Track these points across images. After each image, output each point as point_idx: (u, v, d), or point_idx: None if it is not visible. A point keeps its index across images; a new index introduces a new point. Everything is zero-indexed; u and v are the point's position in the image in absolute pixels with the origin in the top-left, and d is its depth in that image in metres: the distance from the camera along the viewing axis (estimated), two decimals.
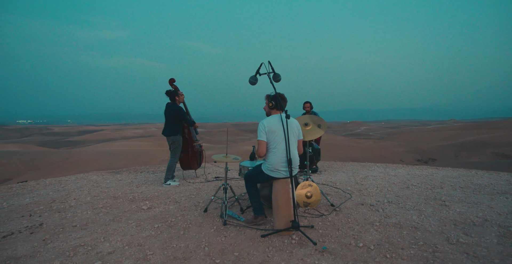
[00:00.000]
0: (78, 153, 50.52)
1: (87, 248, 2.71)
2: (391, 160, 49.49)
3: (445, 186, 4.57)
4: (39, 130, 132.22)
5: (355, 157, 51.36)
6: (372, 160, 46.10)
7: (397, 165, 7.11)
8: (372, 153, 55.97)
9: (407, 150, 59.97)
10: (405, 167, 6.75)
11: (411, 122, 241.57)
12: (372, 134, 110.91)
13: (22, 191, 5.10)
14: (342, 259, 2.44)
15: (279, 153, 2.91)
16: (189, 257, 2.51)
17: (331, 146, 58.77)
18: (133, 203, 4.02)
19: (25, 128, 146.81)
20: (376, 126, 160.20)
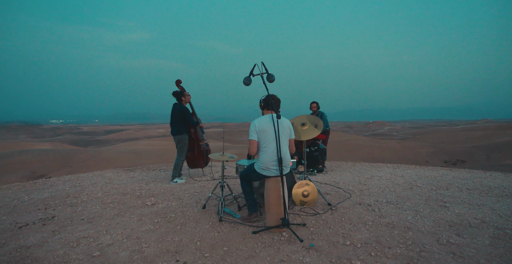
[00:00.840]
0: (104, 151, 52.59)
1: (89, 239, 2.91)
2: (416, 161, 47.90)
3: (451, 187, 4.46)
4: (69, 130, 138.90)
5: (377, 157, 50.12)
6: (394, 160, 44.86)
7: (409, 166, 6.96)
8: (395, 154, 54.37)
9: (433, 150, 57.74)
10: (416, 168, 6.61)
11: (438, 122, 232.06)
12: (396, 134, 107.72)
13: (43, 186, 5.47)
14: (327, 256, 2.49)
15: (270, 152, 2.99)
16: (181, 250, 2.65)
17: (352, 145, 57.64)
18: (139, 199, 4.23)
19: (57, 127, 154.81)
20: (400, 126, 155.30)
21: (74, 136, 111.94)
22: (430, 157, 53.98)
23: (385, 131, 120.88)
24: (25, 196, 4.71)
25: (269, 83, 3.25)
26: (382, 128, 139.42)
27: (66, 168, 44.90)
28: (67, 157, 50.62)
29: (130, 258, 2.51)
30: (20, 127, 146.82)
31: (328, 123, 6.60)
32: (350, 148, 55.72)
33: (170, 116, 5.17)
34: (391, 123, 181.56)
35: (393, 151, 56.80)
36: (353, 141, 65.06)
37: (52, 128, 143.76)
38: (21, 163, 44.37)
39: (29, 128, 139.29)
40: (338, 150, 55.03)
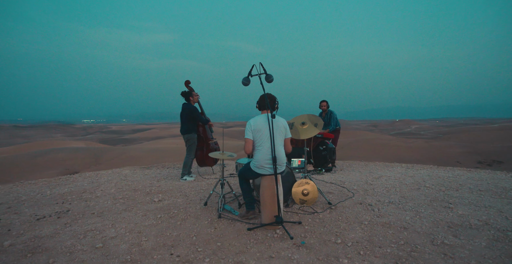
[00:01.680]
0: (131, 149, 54.60)
1: (95, 232, 3.11)
2: (446, 161, 45.81)
3: (462, 188, 4.31)
4: (99, 129, 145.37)
5: (402, 157, 48.39)
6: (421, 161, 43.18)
7: (423, 166, 6.76)
8: (422, 154, 52.24)
9: (466, 150, 54.86)
10: (431, 168, 6.41)
11: (471, 120, 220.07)
12: (424, 133, 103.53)
13: (65, 182, 5.84)
14: (315, 253, 2.53)
15: (264, 151, 3.05)
16: (177, 244, 2.78)
17: (377, 145, 56.11)
18: (148, 195, 4.43)
19: (89, 126, 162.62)
20: (428, 125, 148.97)
21: (103, 134, 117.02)
22: (462, 157, 51.34)
23: (412, 130, 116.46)
24: (47, 190, 5.07)
25: (267, 83, 3.31)
26: (409, 127, 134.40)
27: (96, 165, 47.08)
28: (97, 154, 53.05)
29: (128, 251, 2.67)
30: (56, 126, 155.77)
31: (338, 122, 6.54)
32: (374, 147, 54.30)
33: (180, 116, 5.35)
34: (419, 122, 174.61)
35: (420, 151, 54.62)
36: (377, 140, 63.33)
37: (84, 128, 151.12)
38: (57, 160, 47.14)
39: (64, 128, 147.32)
40: (361, 149, 53.81)
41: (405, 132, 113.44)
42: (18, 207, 4.14)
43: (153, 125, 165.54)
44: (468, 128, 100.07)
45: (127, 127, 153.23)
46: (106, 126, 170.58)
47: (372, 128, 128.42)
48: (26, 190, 5.26)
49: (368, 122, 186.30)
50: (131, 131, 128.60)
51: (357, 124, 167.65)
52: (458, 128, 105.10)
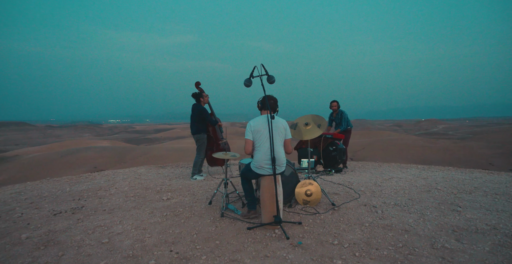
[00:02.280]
0: (154, 149, 56.14)
1: (104, 228, 3.27)
2: (476, 163, 43.68)
3: (476, 191, 4.15)
4: (124, 129, 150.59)
5: (428, 158, 46.70)
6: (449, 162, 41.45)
7: (441, 167, 6.54)
8: (450, 155, 50.09)
9: (499, 152, 52.01)
10: (448, 170, 6.19)
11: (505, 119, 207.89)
12: (452, 133, 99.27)
13: (85, 179, 6.15)
14: (310, 254, 2.54)
15: (264, 151, 3.09)
16: (177, 242, 2.87)
17: (400, 145, 54.39)
18: (158, 194, 4.58)
19: (114, 126, 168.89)
20: (457, 124, 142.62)
21: (128, 134, 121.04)
22: (495, 159, 48.73)
23: (439, 130, 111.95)
24: (67, 187, 5.36)
25: (269, 84, 3.35)
26: (435, 127, 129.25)
27: (121, 163, 48.81)
28: (122, 153, 54.96)
29: (131, 246, 2.80)
30: (85, 126, 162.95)
31: (350, 122, 6.44)
32: (397, 148, 52.68)
33: (190, 117, 5.49)
34: (447, 122, 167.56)
35: (448, 152, 52.41)
36: (401, 140, 61.37)
37: (110, 128, 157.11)
38: (86, 158, 49.36)
39: (92, 128, 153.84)
40: (384, 150, 52.39)
41: (431, 132, 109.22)
42: (39, 202, 4.42)
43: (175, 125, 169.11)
44: (502, 128, 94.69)
45: (150, 127, 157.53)
46: (130, 126, 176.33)
47: (396, 128, 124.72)
48: (49, 186, 5.58)
49: (391, 122, 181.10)
50: (154, 131, 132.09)
51: (380, 124, 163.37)
52: (490, 128, 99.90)
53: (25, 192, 5.24)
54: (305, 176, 3.99)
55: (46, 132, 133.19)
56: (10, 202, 4.51)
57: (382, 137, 72.36)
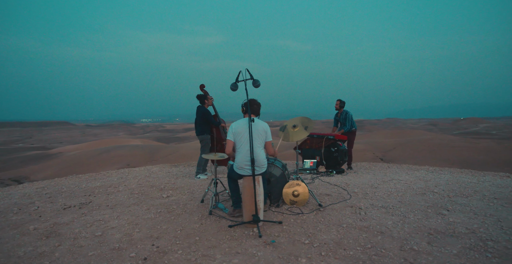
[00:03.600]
0: (183, 147, 57.91)
1: (102, 222, 3.57)
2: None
3: (474, 195, 4.03)
4: (155, 128, 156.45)
5: (467, 160, 43.88)
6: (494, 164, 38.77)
7: (453, 170, 6.27)
8: (492, 155, 46.77)
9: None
10: (461, 173, 5.92)
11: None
12: (496, 132, 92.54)
13: (102, 177, 6.61)
14: (279, 252, 2.66)
15: (243, 153, 3.23)
16: (161, 237, 3.09)
17: (434, 145, 51.69)
18: (161, 191, 4.86)
19: (146, 126, 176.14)
20: (502, 123, 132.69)
21: (159, 133, 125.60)
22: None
23: (480, 129, 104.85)
24: (84, 184, 5.82)
25: (255, 88, 3.48)
26: (476, 126, 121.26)
27: (152, 161, 50.82)
28: (153, 152, 57.20)
29: (119, 240, 3.05)
30: (119, 125, 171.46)
31: (354, 123, 6.36)
32: (431, 148, 49.99)
33: (195, 118, 5.74)
34: (490, 120, 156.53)
35: (490, 152, 48.97)
36: (435, 140, 58.28)
37: (142, 127, 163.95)
38: (120, 156, 52.07)
39: (126, 127, 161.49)
40: (415, 150, 50.08)
41: (472, 131, 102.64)
42: (56, 197, 4.86)
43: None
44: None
45: (180, 126, 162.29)
46: (161, 125, 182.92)
47: (431, 127, 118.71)
48: (70, 182, 6.08)
49: (426, 121, 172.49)
50: (183, 130, 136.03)
51: (413, 123, 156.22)
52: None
53: (48, 187, 5.76)
54: (293, 177, 4.06)
55: (85, 131, 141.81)
56: (32, 196, 5.00)
57: (414, 137, 69.11)
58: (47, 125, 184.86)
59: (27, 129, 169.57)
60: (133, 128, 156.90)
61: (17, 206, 4.39)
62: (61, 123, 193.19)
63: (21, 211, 4.16)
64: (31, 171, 50.60)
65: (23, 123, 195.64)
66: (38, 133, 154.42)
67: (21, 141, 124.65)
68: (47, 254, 2.80)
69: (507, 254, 2.39)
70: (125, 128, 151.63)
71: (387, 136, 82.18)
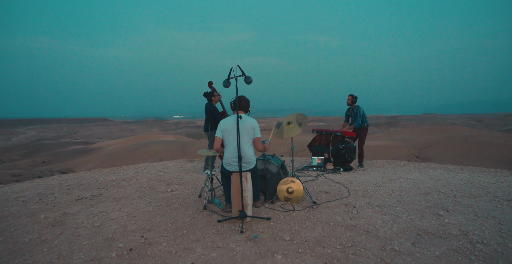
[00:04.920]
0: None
1: (104, 214, 3.79)
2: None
3: (484, 196, 3.80)
4: (186, 124, 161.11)
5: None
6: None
7: (475, 169, 5.83)
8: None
9: None
10: (484, 172, 5.50)
11: None
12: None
13: (120, 170, 6.96)
14: (259, 247, 2.69)
15: (231, 149, 3.27)
16: (153, 229, 3.23)
17: (476, 143, 48.08)
18: (167, 186, 5.04)
19: (178, 122, 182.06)
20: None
21: (190, 129, 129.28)
22: None
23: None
24: (102, 177, 6.18)
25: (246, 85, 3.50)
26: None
27: (184, 156, 52.55)
28: (184, 147, 59.07)
29: (114, 231, 3.22)
30: (153, 122, 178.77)
31: (366, 119, 6.14)
32: (474, 146, 46.46)
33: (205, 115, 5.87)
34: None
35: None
36: (479, 137, 54.22)
37: (175, 123, 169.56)
38: (154, 151, 54.45)
39: (159, 123, 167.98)
40: (454, 148, 47.03)
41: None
42: (73, 189, 5.22)
43: None
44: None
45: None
46: (192, 121, 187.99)
47: (475, 123, 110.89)
48: (90, 176, 6.49)
49: (468, 116, 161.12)
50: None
51: (453, 118, 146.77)
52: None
53: (71, 179, 6.19)
54: (289, 174, 4.03)
55: (123, 127, 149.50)
56: (54, 187, 5.41)
57: (454, 133, 64.97)
58: (89, 121, 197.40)
59: (73, 126, 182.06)
60: (166, 124, 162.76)
61: (39, 196, 4.78)
62: (101, 120, 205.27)
63: (40, 201, 4.52)
64: (76, 164, 54.46)
65: (69, 120, 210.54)
66: (82, 128, 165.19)
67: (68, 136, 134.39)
68: (48, 242, 3.04)
69: (493, 258, 2.25)
70: (158, 124, 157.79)
71: (423, 132, 78.05)
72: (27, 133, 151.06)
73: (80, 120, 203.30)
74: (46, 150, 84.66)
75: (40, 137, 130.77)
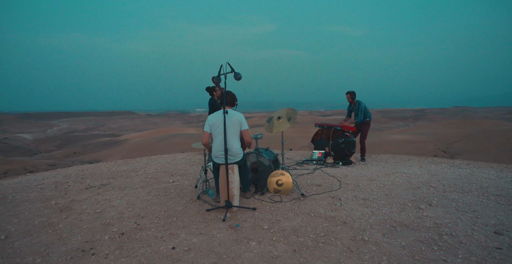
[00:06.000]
0: None
1: (107, 201, 4.09)
2: None
3: (474, 191, 3.80)
4: None
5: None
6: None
7: (482, 164, 5.66)
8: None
9: None
10: (491, 168, 5.35)
11: None
12: None
13: (133, 162, 7.35)
14: (237, 235, 2.88)
15: (218, 143, 3.45)
16: (146, 216, 3.48)
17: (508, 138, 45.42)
18: (170, 177, 5.32)
19: (200, 115, 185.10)
20: None
21: None
22: None
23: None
24: (114, 168, 6.58)
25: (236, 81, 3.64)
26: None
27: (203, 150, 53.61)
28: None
29: (112, 217, 3.51)
30: (176, 115, 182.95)
31: (369, 114, 6.10)
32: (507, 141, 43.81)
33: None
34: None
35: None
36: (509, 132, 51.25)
37: (197, 116, 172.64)
38: (176, 143, 55.97)
39: (182, 116, 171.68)
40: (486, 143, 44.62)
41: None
42: (86, 178, 5.62)
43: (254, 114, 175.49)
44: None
45: None
46: None
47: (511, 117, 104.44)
48: (105, 166, 6.91)
49: (505, 109, 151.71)
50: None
51: (487, 111, 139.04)
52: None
53: (87, 169, 6.64)
54: (280, 166, 4.14)
55: (147, 120, 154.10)
56: (70, 176, 5.84)
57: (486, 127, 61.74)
58: (116, 115, 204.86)
59: (100, 118, 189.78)
60: (188, 117, 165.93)
61: (56, 184, 5.20)
62: (127, 113, 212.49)
63: (56, 188, 4.93)
64: (104, 155, 57.08)
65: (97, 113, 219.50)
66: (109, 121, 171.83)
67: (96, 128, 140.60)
68: (54, 225, 3.37)
69: (455, 248, 2.33)
70: (181, 117, 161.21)
71: (453, 126, 74.80)
72: (60, 125, 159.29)
73: (107, 113, 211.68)
74: (77, 142, 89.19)
75: (72, 129, 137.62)
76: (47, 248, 2.76)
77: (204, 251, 2.60)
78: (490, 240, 2.45)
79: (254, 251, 2.56)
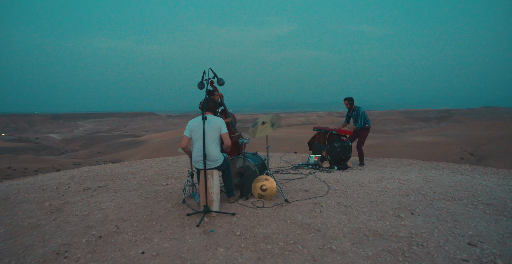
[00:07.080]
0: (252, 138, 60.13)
1: (97, 203, 4.20)
2: None
3: (464, 199, 3.69)
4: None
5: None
6: None
7: (488, 169, 5.37)
8: None
9: None
10: (496, 174, 5.08)
11: None
12: None
13: (135, 164, 7.52)
14: (208, 240, 2.90)
15: (197, 148, 3.48)
16: (128, 219, 3.55)
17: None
18: (165, 180, 5.40)
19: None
20: None
21: None
22: None
23: None
24: (115, 169, 6.76)
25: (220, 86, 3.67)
26: None
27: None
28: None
29: (97, 219, 3.59)
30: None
31: (368, 120, 6.00)
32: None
33: None
34: None
35: None
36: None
37: None
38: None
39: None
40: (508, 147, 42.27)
41: None
42: (87, 179, 5.80)
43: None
44: None
45: (250, 117, 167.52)
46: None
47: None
48: (109, 168, 7.10)
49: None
50: (252, 120, 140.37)
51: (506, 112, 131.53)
52: None
53: (92, 171, 6.85)
54: (265, 172, 4.10)
55: (167, 121, 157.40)
56: (74, 178, 6.04)
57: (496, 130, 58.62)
58: (137, 115, 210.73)
59: (123, 119, 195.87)
60: None
61: (57, 185, 5.41)
62: (148, 114, 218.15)
63: (56, 190, 5.12)
64: (125, 155, 58.82)
65: (120, 114, 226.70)
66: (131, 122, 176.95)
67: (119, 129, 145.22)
68: (40, 226, 3.49)
69: (421, 259, 2.27)
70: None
71: (481, 127, 71.47)
72: (85, 126, 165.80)
73: (130, 114, 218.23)
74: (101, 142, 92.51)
75: (96, 129, 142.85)
76: (25, 250, 2.87)
77: (171, 257, 2.62)
78: (460, 252, 2.35)
79: (219, 258, 2.56)
